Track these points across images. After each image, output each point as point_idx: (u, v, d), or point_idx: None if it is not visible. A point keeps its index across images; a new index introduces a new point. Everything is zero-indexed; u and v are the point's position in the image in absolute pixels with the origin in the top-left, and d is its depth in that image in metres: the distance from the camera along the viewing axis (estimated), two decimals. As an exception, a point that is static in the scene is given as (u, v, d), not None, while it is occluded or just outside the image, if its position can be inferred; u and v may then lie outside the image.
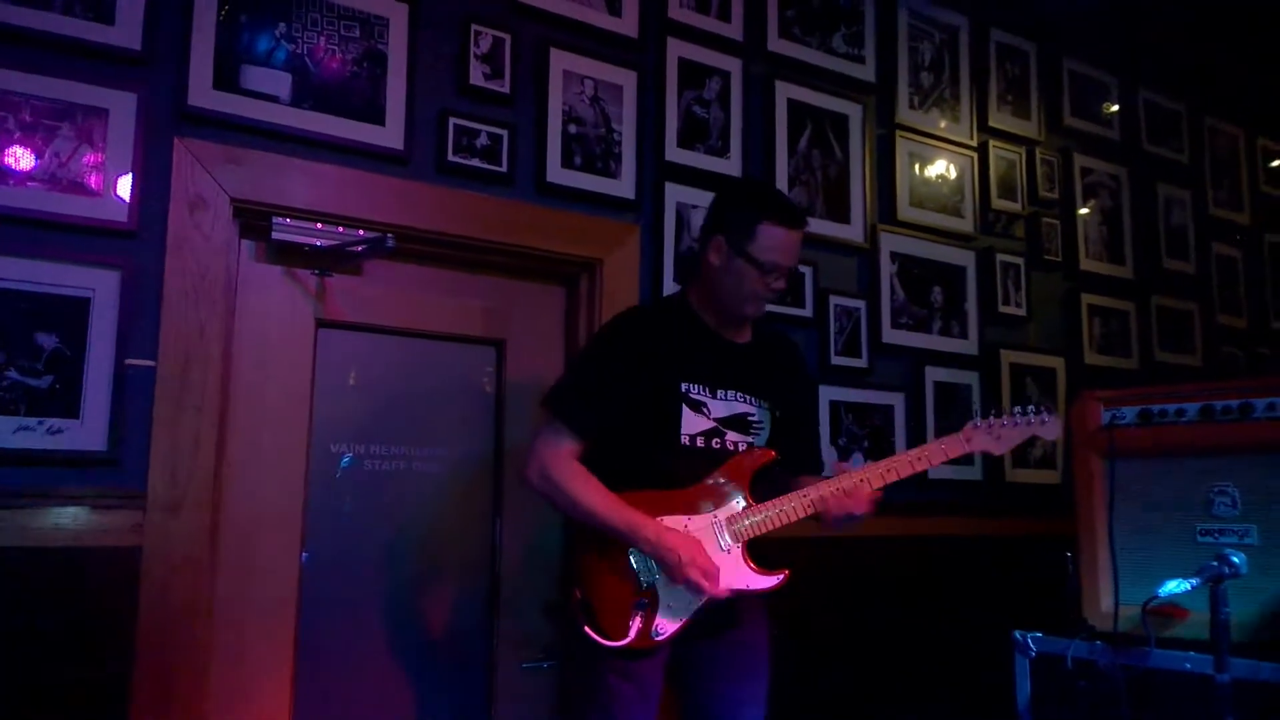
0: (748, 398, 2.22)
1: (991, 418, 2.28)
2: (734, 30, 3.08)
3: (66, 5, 2.09)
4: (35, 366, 2.01)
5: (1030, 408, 2.31)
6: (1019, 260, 3.71)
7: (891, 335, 3.33)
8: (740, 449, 2.17)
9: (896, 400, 3.32)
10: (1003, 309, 3.63)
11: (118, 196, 2.11)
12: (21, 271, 2.00)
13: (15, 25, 2.03)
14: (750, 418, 2.22)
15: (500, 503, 2.67)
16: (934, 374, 3.42)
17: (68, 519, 2.02)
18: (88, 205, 2.07)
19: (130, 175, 2.12)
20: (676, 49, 2.96)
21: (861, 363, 3.24)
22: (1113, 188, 4.09)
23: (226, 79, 2.24)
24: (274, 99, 2.29)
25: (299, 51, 2.34)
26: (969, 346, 3.55)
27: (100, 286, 2.06)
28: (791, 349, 2.44)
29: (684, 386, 2.15)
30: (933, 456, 2.22)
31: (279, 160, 2.29)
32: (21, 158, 2.03)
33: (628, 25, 2.86)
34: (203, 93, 2.20)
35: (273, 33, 2.31)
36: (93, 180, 2.09)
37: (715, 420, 2.17)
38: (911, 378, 3.38)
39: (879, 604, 3.16)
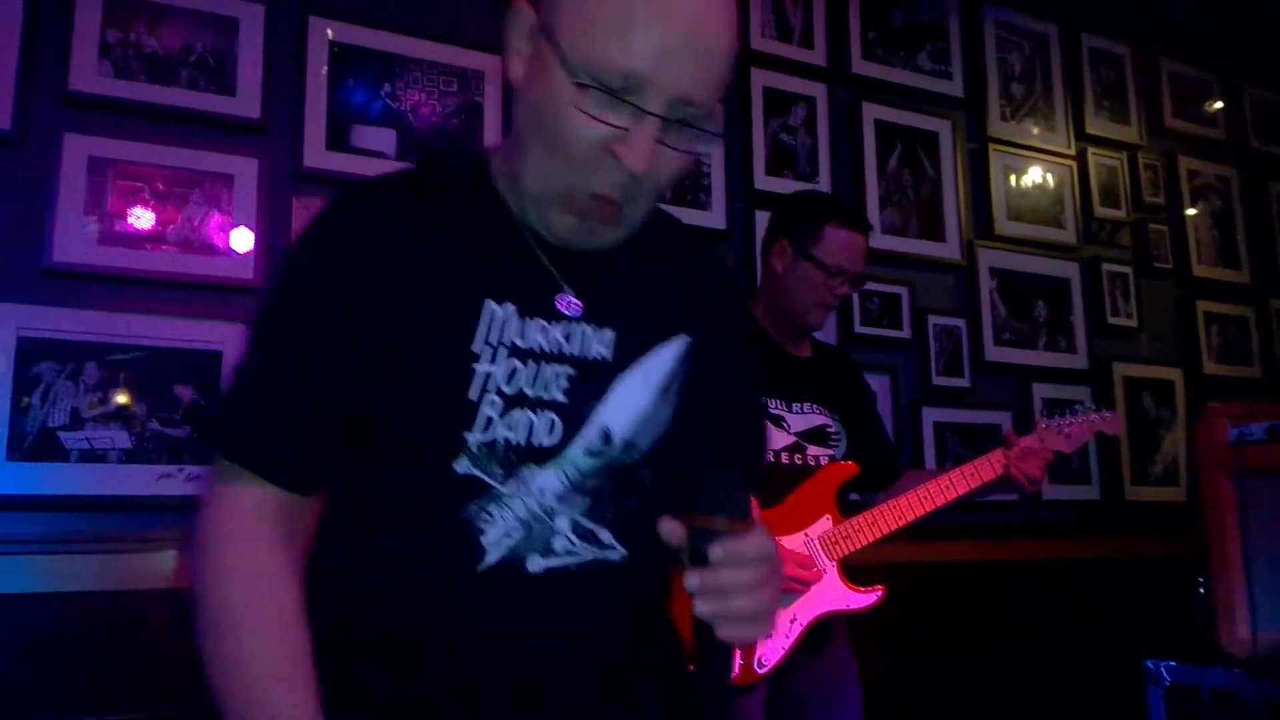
0: (822, 409, 2.27)
1: (1058, 418, 2.35)
2: (817, 56, 3.22)
3: (192, 80, 2.35)
4: (174, 417, 2.24)
5: (1089, 405, 2.40)
6: (1126, 269, 3.73)
7: (994, 353, 3.39)
8: (822, 462, 2.21)
9: (1004, 419, 3.36)
10: (1112, 320, 3.65)
11: (244, 255, 2.34)
12: (160, 330, 2.24)
13: (149, 102, 2.29)
14: (828, 429, 2.26)
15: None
16: (1042, 390, 3.45)
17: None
18: (217, 265, 2.31)
19: (254, 235, 2.35)
20: (760, 78, 3.11)
21: (964, 382, 3.30)
22: (1222, 189, 4.07)
23: (337, 139, 2.47)
24: (380, 155, 2.52)
25: (402, 108, 2.56)
26: (1078, 361, 3.57)
27: (230, 340, 2.29)
28: (849, 361, 2.50)
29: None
30: (999, 463, 2.27)
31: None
32: (158, 224, 2.28)
33: (712, 59, 3.01)
34: (317, 154, 2.43)
35: (378, 92, 2.54)
36: (220, 241, 2.33)
37: (795, 435, 2.21)
38: (1018, 395, 3.42)
39: (993, 631, 3.16)
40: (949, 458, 3.21)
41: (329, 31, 2.50)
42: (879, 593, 2.14)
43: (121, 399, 2.20)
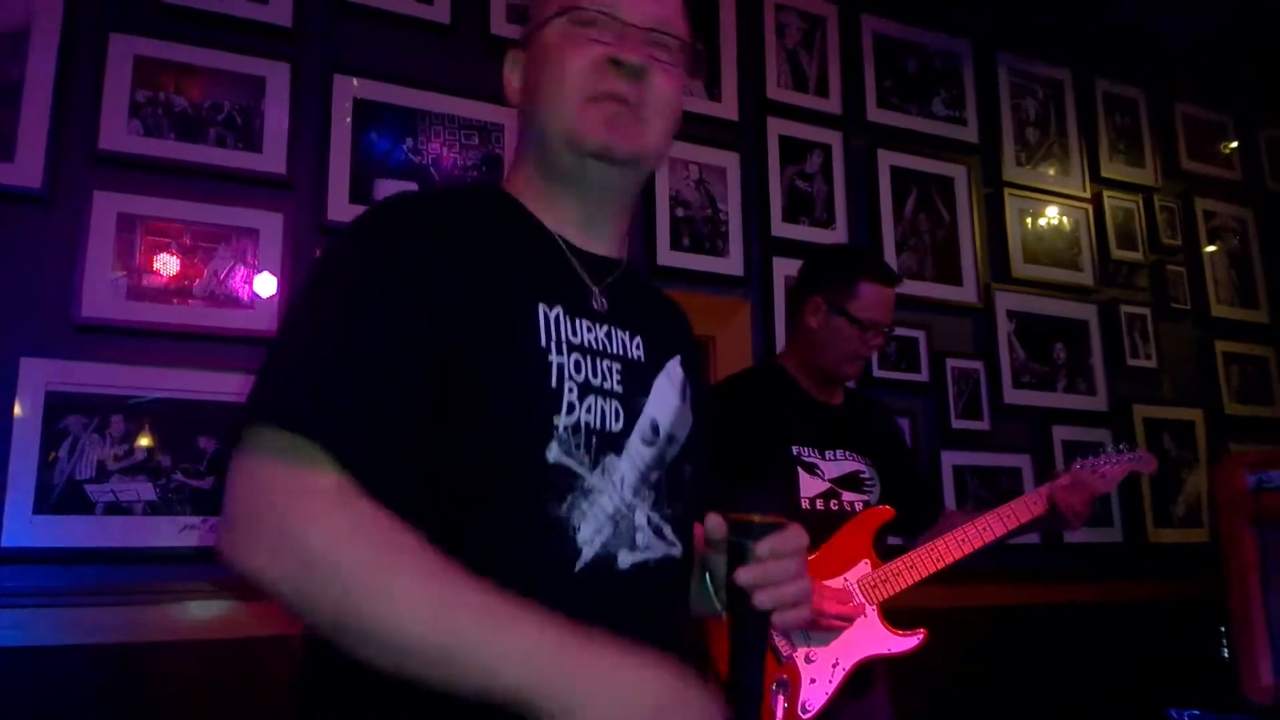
0: (855, 455, 2.29)
1: (1091, 458, 2.36)
2: (832, 105, 3.26)
3: (219, 138, 2.40)
4: (198, 469, 2.27)
5: (1123, 445, 2.41)
6: (1145, 310, 3.74)
7: (1014, 395, 3.40)
8: (857, 508, 2.23)
9: (1023, 462, 3.37)
10: (1131, 362, 3.66)
11: (269, 308, 2.38)
12: (186, 382, 2.27)
13: (177, 159, 2.35)
14: (862, 475, 2.28)
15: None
16: (1062, 433, 3.45)
17: (229, 610, 2.25)
18: (242, 317, 2.35)
19: (278, 288, 2.39)
20: (777, 127, 3.15)
21: (983, 425, 3.31)
22: (1239, 229, 4.09)
23: (360, 192, 2.52)
24: (403, 208, 2.56)
25: (424, 161, 2.61)
26: (1097, 403, 3.58)
27: (255, 391, 2.32)
28: (880, 407, 2.52)
29: (795, 450, 2.22)
30: (1038, 503, 2.30)
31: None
32: (185, 278, 2.32)
33: (727, 109, 3.07)
34: (340, 207, 2.48)
35: (401, 146, 2.59)
36: (245, 294, 2.37)
37: (830, 481, 2.23)
38: (1038, 438, 3.42)
39: (1014, 675, 3.15)
40: (969, 500, 3.22)
41: (354, 83, 2.56)
42: (921, 636, 2.15)
43: (146, 450, 2.23)
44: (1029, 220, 3.60)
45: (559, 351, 1.00)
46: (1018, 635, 3.16)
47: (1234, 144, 4.16)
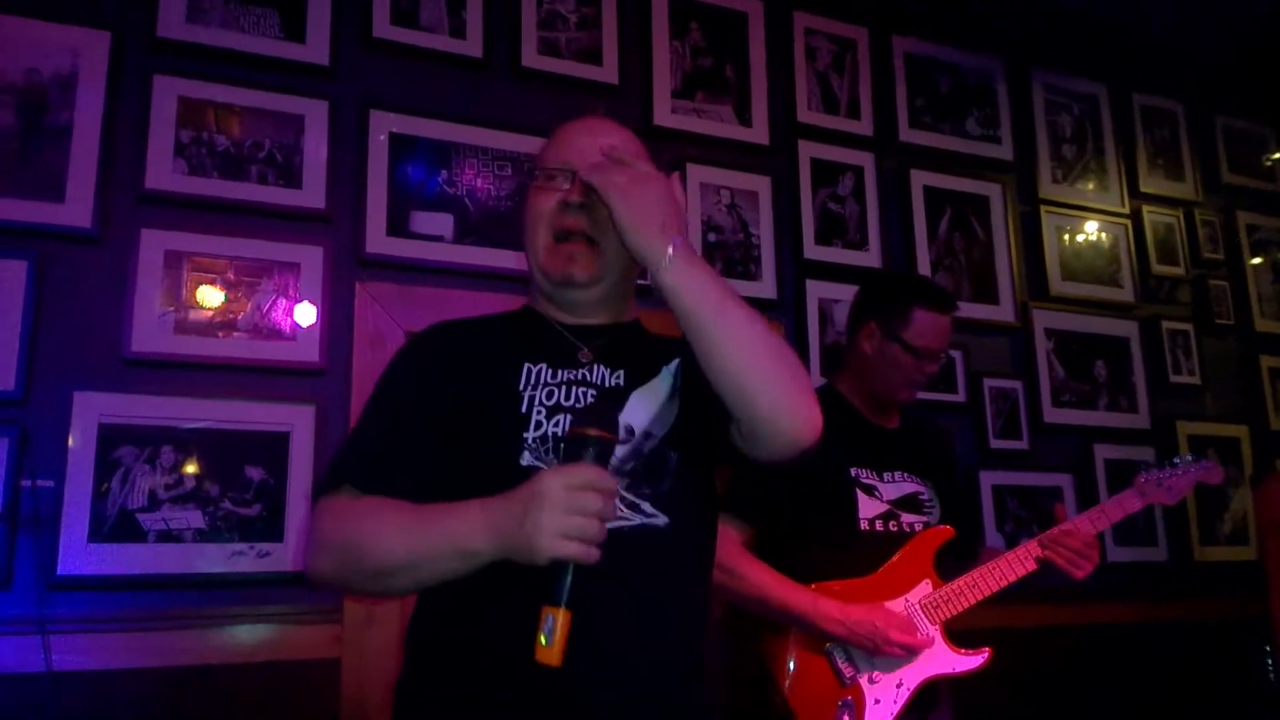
0: (913, 477, 2.30)
1: (1157, 470, 2.35)
2: (864, 126, 3.29)
3: (261, 175, 2.48)
4: (245, 497, 2.35)
5: (1189, 457, 2.39)
6: (1187, 326, 3.71)
7: (1053, 414, 3.39)
8: (917, 529, 2.23)
9: (1065, 481, 3.36)
10: (1174, 379, 3.63)
11: (310, 339, 2.46)
12: (233, 413, 2.35)
13: (220, 197, 2.43)
14: (921, 496, 2.28)
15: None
16: (1104, 451, 3.44)
17: (275, 634, 2.32)
18: (285, 349, 2.43)
19: (319, 319, 2.47)
20: (808, 150, 3.18)
21: (1023, 444, 3.30)
22: (1283, 242, 4.05)
23: (397, 225, 2.59)
24: (439, 239, 2.63)
25: (459, 194, 2.68)
26: (1140, 421, 3.56)
27: (298, 421, 2.40)
28: (940, 431, 2.54)
29: (853, 472, 2.23)
30: (1113, 513, 2.29)
31: (444, 294, 2.61)
32: (230, 312, 2.41)
33: (758, 134, 3.11)
34: (378, 240, 2.55)
35: (436, 179, 2.66)
36: (288, 326, 2.44)
37: (889, 503, 2.24)
38: (1079, 457, 3.41)
39: (1055, 697, 3.13)
40: (1008, 520, 3.21)
41: (390, 117, 2.64)
42: (986, 654, 2.16)
43: (195, 479, 2.31)
44: (1066, 237, 3.59)
45: (533, 388, 1.37)
46: (1060, 656, 3.15)
47: (1276, 155, 4.11)
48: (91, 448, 2.23)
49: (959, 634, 2.19)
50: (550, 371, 1.39)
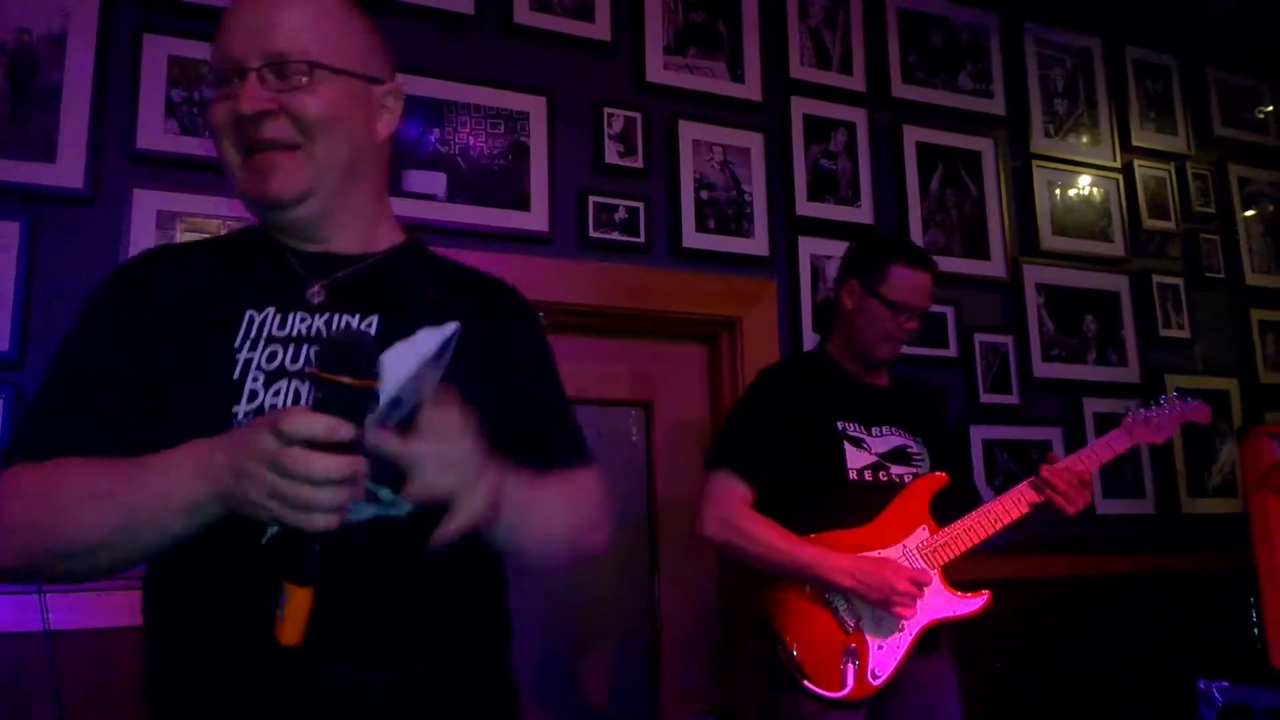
0: (902, 432, 2.39)
1: (1144, 409, 2.43)
2: (856, 82, 3.31)
3: (253, 134, 2.49)
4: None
5: (1174, 396, 2.46)
6: (1178, 280, 3.76)
7: (1043, 369, 3.44)
8: (907, 480, 2.32)
9: (1054, 435, 3.42)
10: (1164, 333, 3.68)
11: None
12: (228, 373, 2.38)
13: (212, 156, 2.41)
14: (909, 449, 2.38)
15: (656, 559, 2.92)
16: (1093, 405, 3.50)
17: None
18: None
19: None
20: (800, 106, 3.20)
21: (1013, 399, 3.36)
22: (1274, 195, 4.08)
23: (391, 184, 2.59)
24: (432, 197, 2.65)
25: (451, 152, 2.70)
26: (1129, 375, 3.61)
27: (293, 381, 2.43)
28: (928, 391, 2.63)
29: (840, 425, 2.32)
30: (1103, 452, 2.36)
31: (439, 252, 2.63)
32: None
33: (751, 90, 3.13)
34: (371, 199, 2.57)
35: (429, 137, 2.68)
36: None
37: (877, 455, 2.33)
38: (1069, 410, 3.47)
39: (1045, 648, 3.22)
40: (999, 474, 3.27)
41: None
42: (985, 597, 2.25)
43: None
44: (1058, 192, 3.62)
45: (251, 347, 1.14)
46: (1048, 606, 3.23)
47: (1269, 108, 4.14)
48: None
49: (954, 583, 2.26)
50: (278, 320, 1.16)
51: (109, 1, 2.43)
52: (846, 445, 2.31)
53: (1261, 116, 4.14)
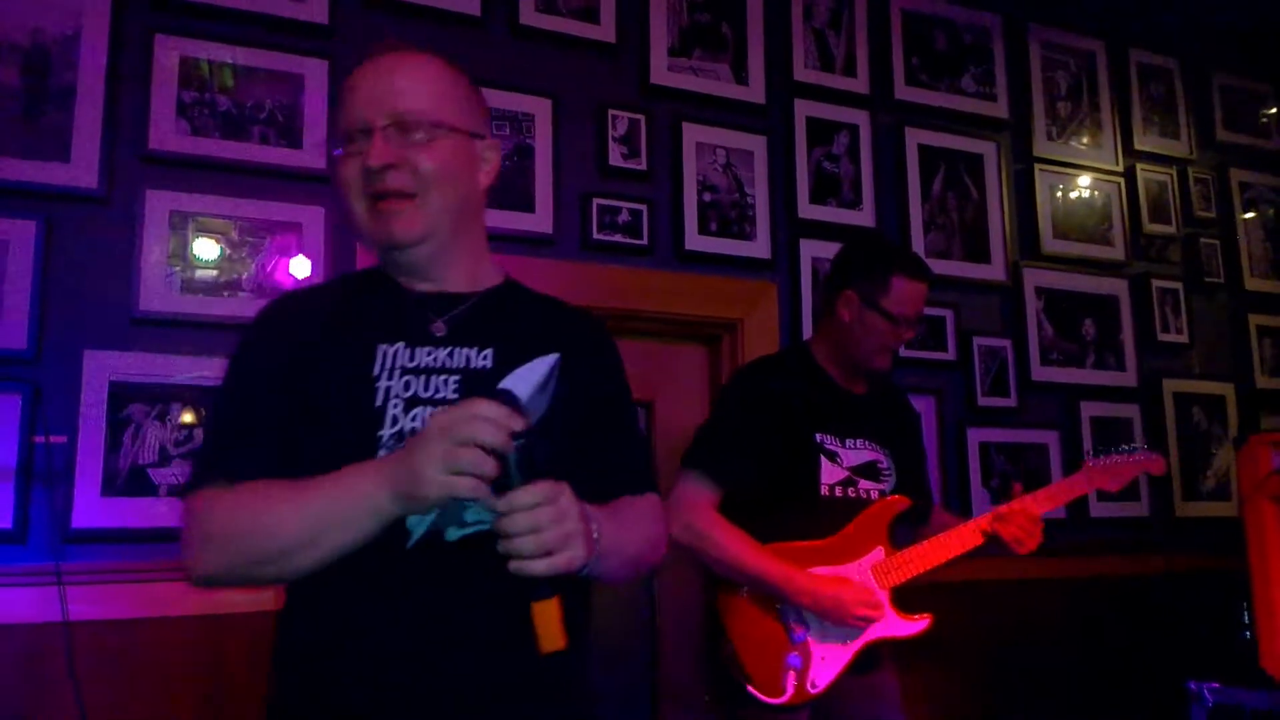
0: (874, 445, 2.45)
1: (1103, 456, 2.52)
2: (859, 84, 3.40)
3: (263, 135, 2.60)
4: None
5: (1134, 446, 2.57)
6: (1177, 285, 3.86)
7: (1041, 372, 3.55)
8: (873, 496, 2.40)
9: (1050, 439, 3.52)
10: (1162, 337, 3.79)
11: (312, 299, 2.58)
12: (238, 371, 2.48)
13: (223, 158, 2.55)
14: (879, 465, 2.44)
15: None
16: (1090, 409, 3.60)
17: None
18: (288, 309, 2.55)
19: (322, 278, 2.59)
20: (804, 109, 3.30)
21: (1010, 402, 3.46)
22: (1275, 199, 4.18)
23: (397, 186, 2.69)
24: (438, 199, 2.74)
25: (457, 154, 2.79)
26: (1127, 379, 3.72)
27: (301, 379, 2.53)
28: (900, 395, 2.66)
29: (818, 437, 2.37)
30: (1060, 495, 2.47)
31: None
32: (234, 272, 2.53)
33: (754, 92, 3.22)
34: (379, 201, 2.66)
35: (434, 139, 2.76)
36: (290, 285, 2.57)
37: (849, 469, 2.39)
38: (1066, 415, 3.57)
39: (1040, 649, 3.32)
40: (995, 476, 3.38)
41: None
42: (926, 621, 2.33)
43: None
44: (1059, 195, 3.72)
45: (390, 376, 1.32)
46: (1044, 608, 3.33)
47: (1272, 111, 4.23)
48: (102, 405, 2.37)
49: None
50: (407, 353, 1.34)
51: (121, 2, 2.51)
52: (822, 459, 2.35)
53: (1265, 121, 4.23)
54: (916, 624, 2.33)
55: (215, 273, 2.52)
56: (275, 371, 1.34)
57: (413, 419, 1.28)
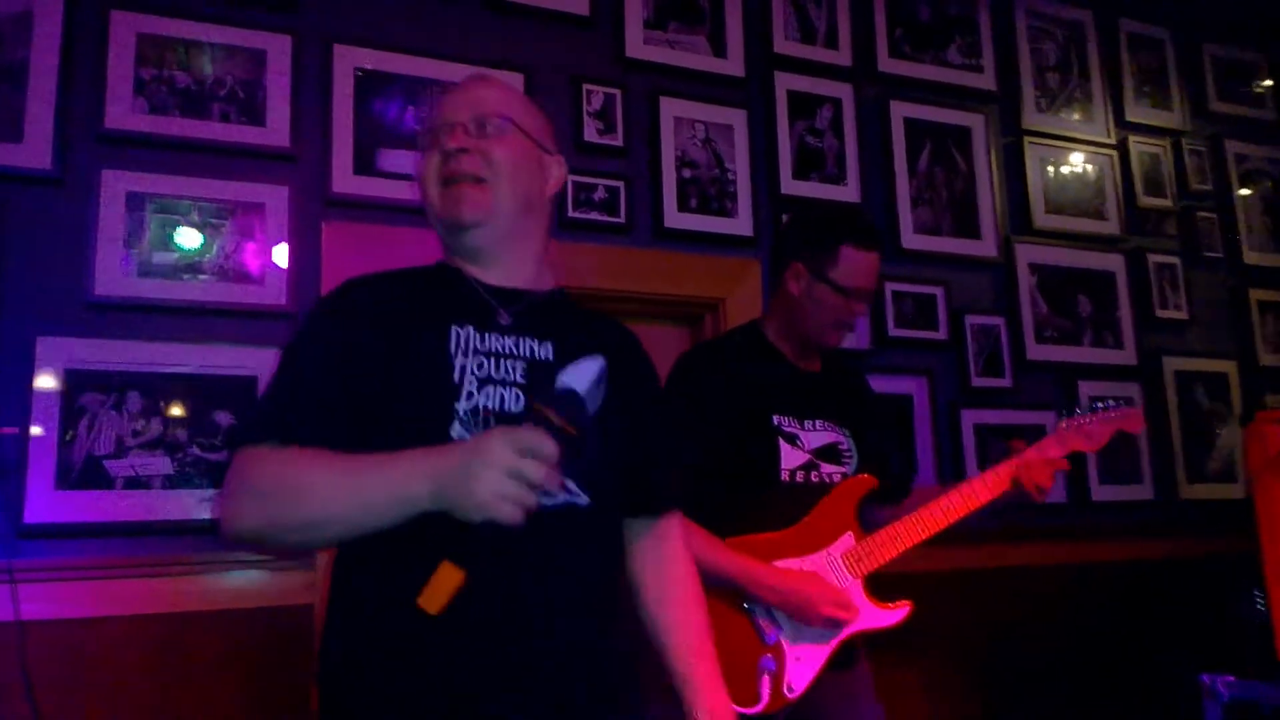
0: (833, 426, 2.34)
1: (1078, 416, 2.41)
2: (842, 57, 3.36)
3: (224, 113, 2.55)
4: (214, 442, 2.44)
5: (1110, 402, 2.44)
6: (1174, 259, 3.82)
7: (1036, 351, 3.51)
8: (836, 480, 2.26)
9: (1048, 419, 3.46)
10: (1160, 313, 3.75)
11: (276, 281, 2.54)
12: (199, 358, 2.44)
13: (182, 136, 2.50)
14: (840, 446, 2.32)
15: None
16: (1089, 388, 3.55)
17: (247, 581, 2.43)
18: (251, 291, 2.51)
19: (286, 261, 2.54)
20: (785, 82, 3.26)
21: (1005, 382, 3.42)
22: (1272, 172, 4.15)
23: (364, 163, 2.66)
24: (407, 177, 2.69)
25: (426, 130, 2.74)
26: (1126, 357, 3.68)
27: (265, 365, 2.47)
28: (856, 372, 2.58)
29: (775, 420, 2.24)
30: (1049, 450, 2.35)
31: (414, 233, 2.66)
32: (194, 254, 2.48)
33: (733, 65, 3.18)
34: (345, 179, 2.63)
35: (402, 115, 2.73)
36: (254, 268, 2.52)
37: (810, 452, 2.27)
38: (1063, 394, 3.52)
39: (1042, 637, 3.26)
40: (990, 459, 3.32)
41: (356, 52, 2.70)
42: (905, 609, 2.21)
43: (162, 425, 2.40)
44: (1051, 169, 3.68)
45: (465, 355, 1.43)
46: (1047, 593, 3.28)
47: (1266, 82, 4.21)
48: (56, 394, 2.32)
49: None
50: (479, 337, 1.46)
51: (74, -23, 2.47)
52: (781, 443, 2.24)
53: (1259, 91, 4.20)
54: (895, 613, 2.20)
55: (175, 256, 2.47)
56: (346, 346, 1.43)
57: (486, 395, 1.41)
